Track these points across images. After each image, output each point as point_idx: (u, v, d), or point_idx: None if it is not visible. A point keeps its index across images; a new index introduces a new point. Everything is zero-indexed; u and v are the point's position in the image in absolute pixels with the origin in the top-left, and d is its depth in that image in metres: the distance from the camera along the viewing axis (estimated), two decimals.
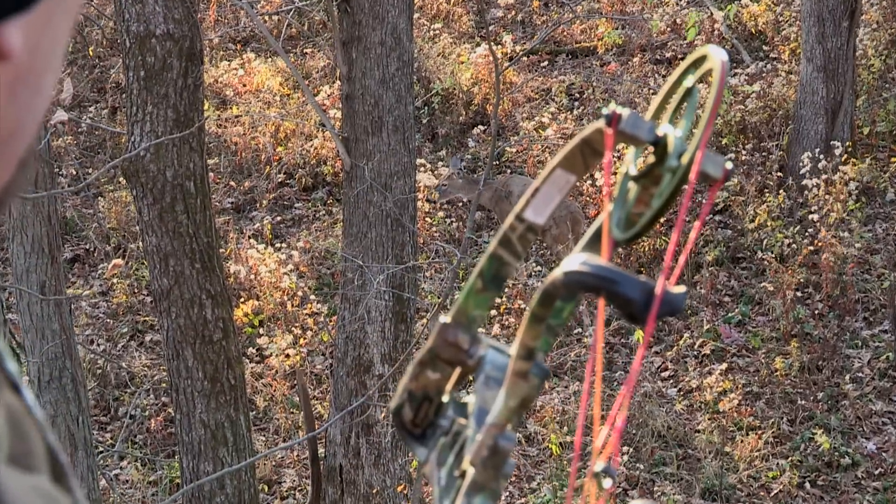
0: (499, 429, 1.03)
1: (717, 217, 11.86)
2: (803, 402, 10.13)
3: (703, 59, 0.99)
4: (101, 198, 12.32)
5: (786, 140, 12.20)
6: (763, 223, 11.37)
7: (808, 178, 11.20)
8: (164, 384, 10.06)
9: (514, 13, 14.83)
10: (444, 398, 1.13)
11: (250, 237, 11.75)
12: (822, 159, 11.26)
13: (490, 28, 14.01)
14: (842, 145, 11.52)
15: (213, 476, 7.10)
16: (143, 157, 6.82)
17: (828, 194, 11.17)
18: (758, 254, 11.23)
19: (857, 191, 11.45)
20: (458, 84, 13.34)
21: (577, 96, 13.58)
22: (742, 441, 9.77)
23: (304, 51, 14.10)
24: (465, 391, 1.13)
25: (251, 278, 11.10)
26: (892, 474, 9.65)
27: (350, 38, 8.08)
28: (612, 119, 0.98)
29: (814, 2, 11.78)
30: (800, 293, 10.86)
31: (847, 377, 10.25)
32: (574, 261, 0.94)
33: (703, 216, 1.07)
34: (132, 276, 11.45)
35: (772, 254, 11.10)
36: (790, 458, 9.71)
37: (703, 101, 0.97)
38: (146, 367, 10.70)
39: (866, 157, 12.07)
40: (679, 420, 10.02)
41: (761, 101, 12.55)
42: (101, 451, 9.46)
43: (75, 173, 12.37)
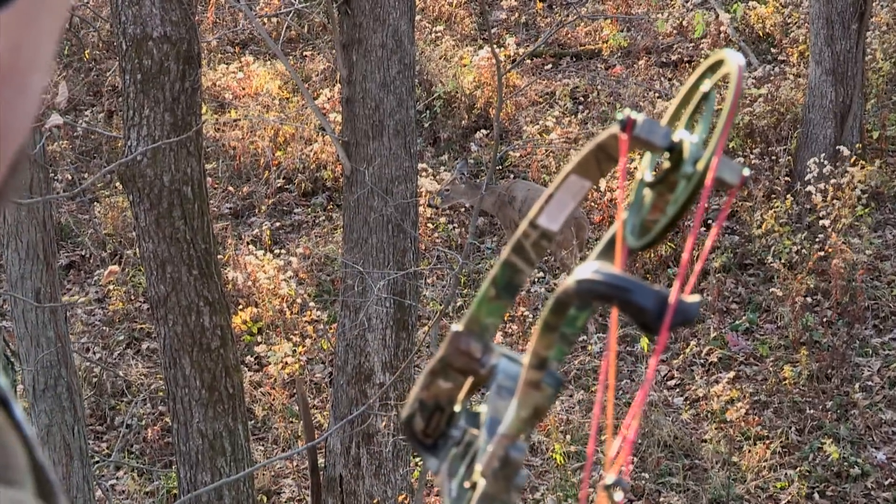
0: (510, 439, 1.03)
1: (724, 223, 11.79)
2: (812, 411, 10.09)
3: (719, 63, 0.99)
4: (96, 203, 12.29)
5: (794, 144, 12.20)
6: (771, 229, 11.33)
7: (815, 182, 11.19)
8: (161, 393, 10.06)
9: (517, 15, 14.86)
10: (456, 408, 1.13)
11: (249, 243, 11.72)
12: (826, 164, 11.25)
13: (493, 30, 14.03)
14: (851, 149, 11.51)
15: (210, 486, 7.09)
16: (139, 161, 6.82)
17: (836, 199, 11.13)
18: (766, 260, 11.18)
19: (866, 196, 11.44)
20: (461, 87, 13.35)
21: (581, 100, 13.59)
22: (750, 451, 9.71)
23: (304, 53, 14.12)
24: (474, 400, 1.13)
25: (250, 285, 11.07)
26: None
27: (350, 41, 8.06)
28: (626, 124, 0.98)
29: (822, 4, 11.77)
30: (808, 300, 10.80)
31: (857, 386, 10.19)
32: (587, 269, 0.94)
33: (719, 223, 1.06)
34: (128, 282, 11.42)
35: (780, 260, 11.06)
36: (799, 469, 9.65)
37: (720, 106, 0.96)
38: (143, 376, 10.67)
39: (876, 162, 12.05)
40: (685, 429, 9.98)
41: (769, 105, 12.55)
42: (97, 462, 9.44)
43: (71, 178, 12.34)
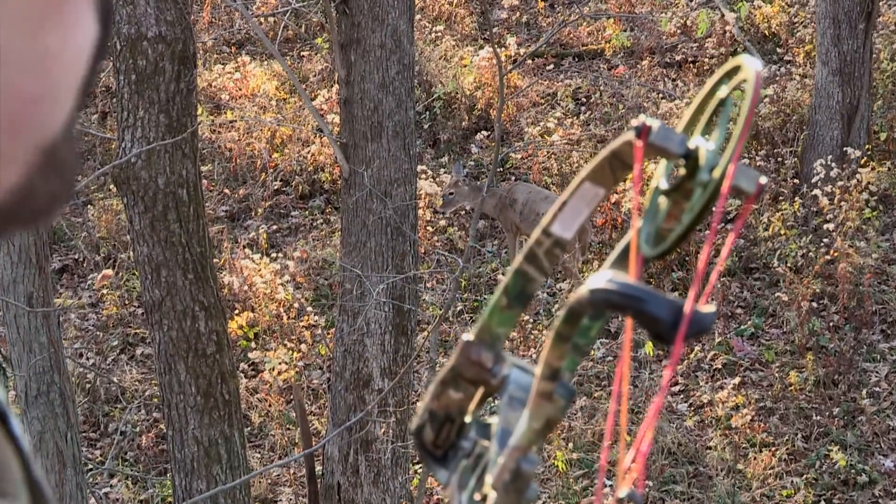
0: (522, 451, 1.02)
1: (728, 226, 11.79)
2: (818, 417, 10.09)
3: (737, 69, 0.99)
4: (90, 206, 12.31)
5: (800, 146, 12.21)
6: (777, 232, 11.36)
7: (822, 185, 11.21)
8: (156, 399, 10.06)
9: (518, 14, 14.92)
10: (467, 419, 1.12)
11: (245, 247, 11.72)
12: (833, 166, 11.27)
13: (493, 30, 13.99)
14: (858, 151, 11.53)
15: (206, 494, 7.09)
16: (134, 163, 6.82)
17: (843, 202, 11.11)
18: (772, 264, 11.17)
19: (873, 199, 11.45)
20: (461, 88, 13.39)
21: (583, 101, 13.62)
22: (755, 458, 9.70)
23: (301, 54, 14.17)
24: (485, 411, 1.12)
25: (246, 289, 11.08)
26: None
27: (349, 41, 8.04)
28: (641, 131, 0.97)
29: (829, 3, 11.80)
30: (815, 305, 10.81)
31: (864, 392, 10.20)
32: (600, 278, 0.93)
33: (736, 231, 1.03)
34: (123, 286, 11.41)
35: (786, 264, 11.06)
36: (805, 476, 9.67)
37: (737, 112, 0.96)
38: (137, 382, 10.65)
39: (884, 163, 12.09)
40: (690, 436, 9.99)
41: (775, 106, 12.59)
42: (91, 469, 9.45)
43: None
